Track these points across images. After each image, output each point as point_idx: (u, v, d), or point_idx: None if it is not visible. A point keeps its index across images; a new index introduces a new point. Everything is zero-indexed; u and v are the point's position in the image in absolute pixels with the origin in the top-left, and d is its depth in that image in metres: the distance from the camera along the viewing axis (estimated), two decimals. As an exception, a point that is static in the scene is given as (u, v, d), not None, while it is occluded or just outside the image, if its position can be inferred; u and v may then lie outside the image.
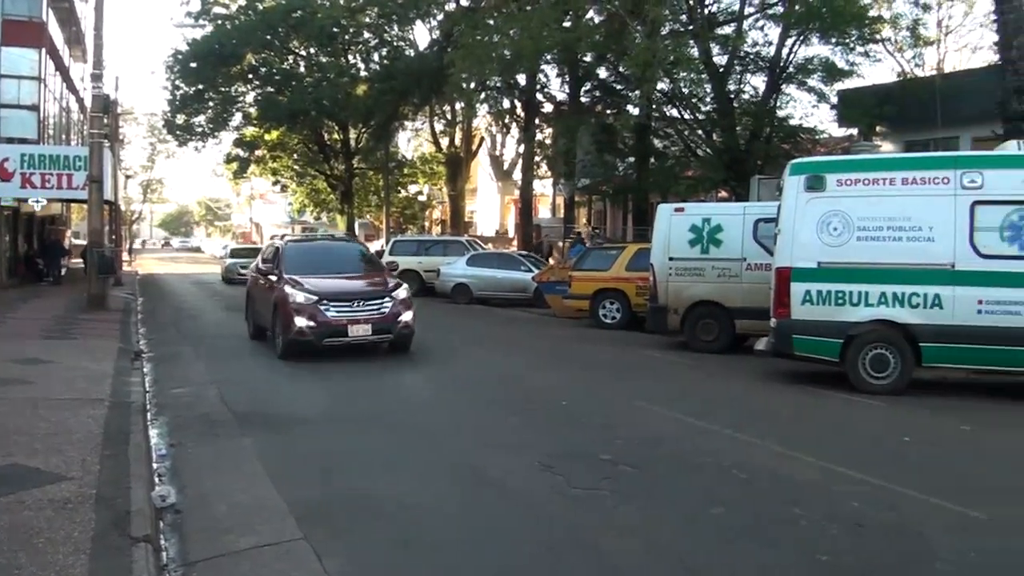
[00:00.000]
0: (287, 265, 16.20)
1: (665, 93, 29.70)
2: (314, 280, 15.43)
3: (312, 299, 14.86)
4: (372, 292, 15.45)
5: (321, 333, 14.75)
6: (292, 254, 16.90)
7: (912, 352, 12.27)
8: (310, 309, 14.82)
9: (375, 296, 15.29)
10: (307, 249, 18.48)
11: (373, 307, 15.09)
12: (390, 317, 15.19)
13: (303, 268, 16.02)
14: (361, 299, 15.12)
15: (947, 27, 38.48)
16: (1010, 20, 21.59)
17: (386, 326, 15.14)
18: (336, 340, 14.83)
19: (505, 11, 31.51)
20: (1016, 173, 12.01)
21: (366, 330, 14.89)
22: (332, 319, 14.80)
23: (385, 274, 16.92)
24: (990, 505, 7.19)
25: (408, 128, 53.83)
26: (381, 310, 15.13)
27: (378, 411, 11.07)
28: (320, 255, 17.72)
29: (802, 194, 12.80)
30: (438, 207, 64.27)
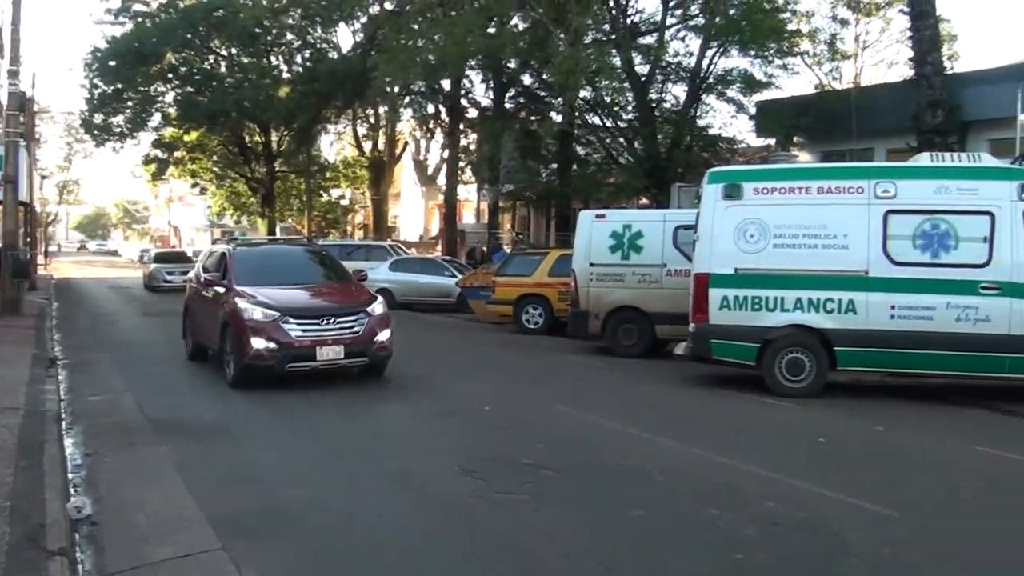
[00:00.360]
0: (237, 274, 13.79)
1: (588, 101, 30.01)
2: (272, 292, 13.16)
3: (272, 315, 12.54)
4: (344, 307, 13.18)
5: (284, 357, 12.40)
6: (243, 261, 14.38)
7: (827, 356, 12.60)
8: (270, 328, 12.45)
9: (348, 312, 13.01)
10: (261, 255, 15.76)
11: (345, 325, 12.79)
12: (365, 337, 12.92)
13: (257, 277, 13.71)
14: (331, 315, 12.82)
15: (864, 42, 39.49)
16: (925, 37, 22.33)
17: (361, 348, 12.88)
18: (302, 365, 12.55)
19: (430, 16, 31.49)
20: (928, 184, 12.40)
21: (337, 353, 12.61)
22: (297, 340, 12.46)
23: (355, 285, 14.72)
24: (902, 503, 7.44)
25: (331, 131, 53.60)
26: (355, 329, 12.84)
27: (298, 417, 10.98)
28: (276, 262, 15.28)
29: (720, 202, 13.05)
30: (361, 211, 63.94)
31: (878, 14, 38.01)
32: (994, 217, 12.06)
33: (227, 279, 13.89)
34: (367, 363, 13.21)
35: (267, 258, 15.58)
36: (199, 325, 15.33)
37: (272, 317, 12.57)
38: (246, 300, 12.94)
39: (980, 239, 12.10)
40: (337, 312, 13.00)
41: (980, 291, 12.00)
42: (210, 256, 16.46)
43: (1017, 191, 12.07)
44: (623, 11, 30.24)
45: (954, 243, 12.15)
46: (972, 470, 9.02)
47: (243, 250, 15.29)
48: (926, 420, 11.58)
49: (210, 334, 14.24)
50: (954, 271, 12.12)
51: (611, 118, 30.60)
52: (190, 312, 16.11)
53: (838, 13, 34.10)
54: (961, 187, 12.24)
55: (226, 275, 14.03)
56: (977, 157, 13.25)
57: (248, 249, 15.83)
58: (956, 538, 6.75)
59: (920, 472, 8.84)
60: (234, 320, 12.87)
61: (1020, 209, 12.02)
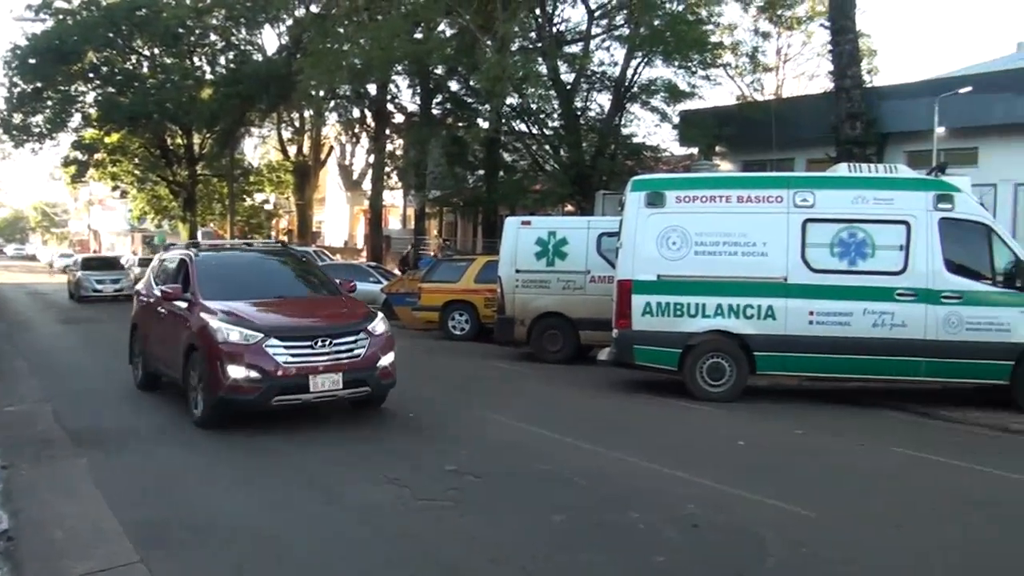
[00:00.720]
0: (203, 286, 11.37)
1: (514, 108, 30.18)
2: (250, 308, 10.92)
3: (254, 336, 10.20)
4: (340, 325, 10.84)
5: (269, 388, 10.06)
6: (209, 270, 11.91)
7: (747, 361, 12.83)
8: (251, 352, 10.09)
9: (345, 331, 10.70)
10: (230, 263, 13.10)
11: (343, 347, 10.53)
12: (367, 361, 10.69)
13: (227, 290, 11.33)
14: (326, 336, 10.46)
15: (786, 55, 40.48)
16: (845, 51, 22.91)
17: (362, 375, 10.61)
18: (292, 398, 10.28)
19: (356, 19, 31.34)
20: (846, 193, 12.72)
21: (335, 382, 10.33)
22: (285, 366, 10.14)
23: (347, 298, 12.41)
24: (819, 503, 7.61)
25: (255, 135, 53.00)
26: (354, 352, 10.60)
27: (218, 427, 10.77)
28: (250, 271, 12.76)
29: (643, 209, 13.20)
30: (285, 216, 63.30)
31: (799, 28, 38.99)
32: (910, 226, 12.41)
33: (191, 292, 11.39)
34: (369, 393, 10.93)
35: (238, 267, 12.91)
36: (153, 349, 12.83)
37: (253, 339, 10.19)
38: (218, 318, 10.51)
39: (896, 247, 12.44)
40: (333, 332, 10.59)
41: (896, 297, 12.34)
42: (164, 264, 13.74)
43: (932, 201, 12.42)
44: (549, 20, 30.49)
45: (871, 251, 12.48)
46: (888, 471, 9.23)
47: (208, 256, 12.59)
48: (844, 423, 11.82)
49: (169, 359, 11.78)
50: (871, 278, 12.45)
51: (537, 125, 30.84)
52: (140, 332, 13.54)
53: (760, 26, 34.94)
54: (878, 197, 12.59)
55: (189, 286, 11.55)
56: (894, 168, 13.62)
57: (214, 255, 13.04)
58: (871, 537, 6.89)
59: (837, 473, 9.03)
60: (203, 343, 10.48)
61: (935, 219, 12.38)
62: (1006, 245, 12.47)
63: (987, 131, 22.39)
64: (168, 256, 13.89)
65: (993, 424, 11.60)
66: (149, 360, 13.06)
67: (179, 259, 12.81)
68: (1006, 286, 12.29)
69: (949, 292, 12.26)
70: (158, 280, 13.25)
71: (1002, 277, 12.33)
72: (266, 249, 15.88)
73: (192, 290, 11.43)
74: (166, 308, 12.12)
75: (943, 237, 12.35)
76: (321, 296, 12.41)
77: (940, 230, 12.37)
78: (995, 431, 11.36)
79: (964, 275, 12.37)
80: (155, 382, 13.14)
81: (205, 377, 10.40)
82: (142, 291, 14.07)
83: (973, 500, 8.09)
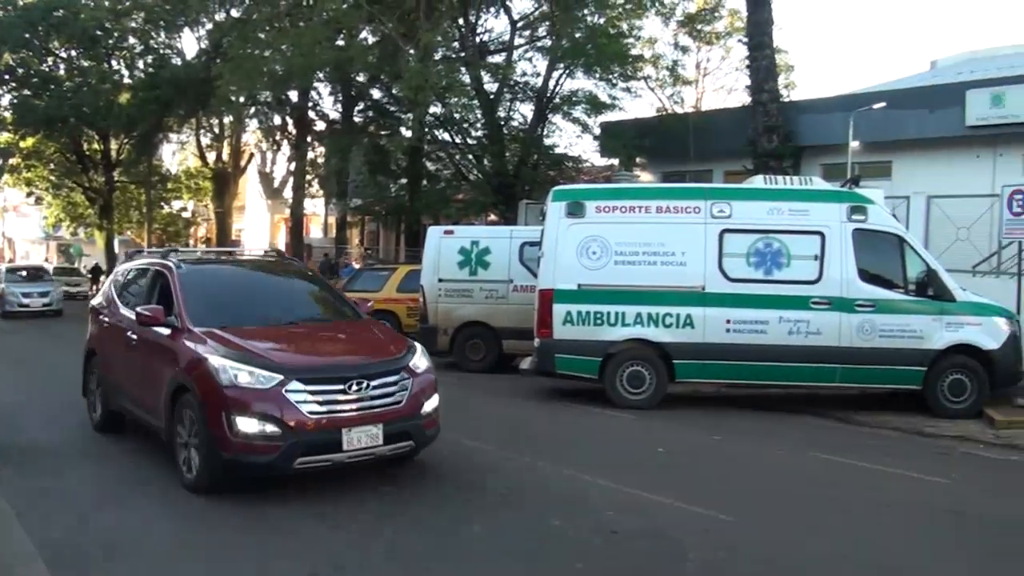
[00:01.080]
0: (192, 307, 8.89)
1: (437, 117, 30.18)
2: (257, 339, 8.47)
3: (271, 378, 7.78)
4: (377, 363, 8.37)
5: (292, 446, 7.61)
6: (197, 286, 9.34)
7: (666, 369, 12.99)
8: (267, 399, 7.71)
9: (384, 370, 8.28)
10: (222, 278, 10.35)
11: (382, 391, 8.13)
12: (411, 408, 8.31)
13: (222, 313, 8.92)
14: (360, 377, 8.01)
15: (705, 69, 41.07)
16: (762, 66, 23.37)
17: (406, 425, 8.21)
18: (320, 460, 7.83)
19: (277, 25, 31.00)
20: (762, 205, 12.98)
21: (374, 436, 7.92)
22: (312, 418, 7.73)
23: (375, 325, 9.96)
24: (737, 507, 7.73)
25: (173, 140, 51.91)
26: (396, 397, 8.22)
27: (134, 439, 10.37)
28: (247, 288, 10.15)
29: (563, 219, 13.28)
30: (203, 224, 62.29)
31: (719, 43, 39.61)
32: (824, 237, 12.70)
33: (175, 315, 8.91)
34: (412, 447, 8.50)
35: (234, 283, 10.24)
36: (120, 383, 10.21)
37: (269, 381, 7.77)
38: (220, 352, 8.08)
39: (811, 257, 12.72)
40: (369, 371, 8.16)
41: (811, 306, 12.60)
42: (130, 277, 11.03)
43: (846, 213, 12.74)
44: (472, 30, 30.53)
45: (786, 261, 12.74)
46: (806, 474, 9.43)
47: (194, 270, 9.87)
48: (762, 428, 12.03)
49: (145, 401, 9.32)
50: (786, 287, 12.71)
51: (460, 135, 30.88)
52: (101, 360, 10.91)
53: (680, 41, 35.43)
54: (793, 208, 12.86)
55: (172, 307, 9.03)
56: (809, 180, 13.94)
57: (201, 268, 10.27)
58: (788, 538, 7.03)
59: (756, 478, 9.18)
60: (200, 385, 7.99)
61: (849, 230, 12.70)
62: (918, 255, 12.87)
63: (900, 145, 22.96)
64: (135, 267, 11.02)
65: (907, 428, 11.93)
66: (113, 395, 10.37)
67: (153, 272, 10.01)
68: (918, 295, 12.66)
69: (863, 300, 12.56)
70: (124, 297, 10.67)
71: (914, 286, 12.71)
72: (260, 260, 12.12)
73: (177, 313, 8.86)
74: (139, 334, 9.46)
75: (856, 247, 12.67)
76: (343, 322, 9.76)
77: (854, 241, 12.68)
78: (909, 434, 11.69)
79: (877, 284, 12.70)
80: (118, 422, 10.54)
81: (203, 431, 7.86)
82: (101, 309, 11.29)
83: (887, 501, 8.28)
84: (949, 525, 7.58)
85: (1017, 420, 11.96)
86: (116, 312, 10.65)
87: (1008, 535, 7.33)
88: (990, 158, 21.55)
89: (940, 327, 12.54)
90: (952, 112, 21.64)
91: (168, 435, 8.61)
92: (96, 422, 10.95)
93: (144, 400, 9.38)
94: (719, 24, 37.54)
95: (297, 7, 31.13)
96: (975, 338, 12.53)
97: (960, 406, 12.42)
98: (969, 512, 7.96)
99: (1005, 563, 6.71)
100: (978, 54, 30.61)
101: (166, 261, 9.95)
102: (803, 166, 23.88)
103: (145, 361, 9.42)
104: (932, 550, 6.93)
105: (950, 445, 11.08)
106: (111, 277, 12.21)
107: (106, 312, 11.06)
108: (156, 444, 9.27)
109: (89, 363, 11.28)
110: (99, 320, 11.25)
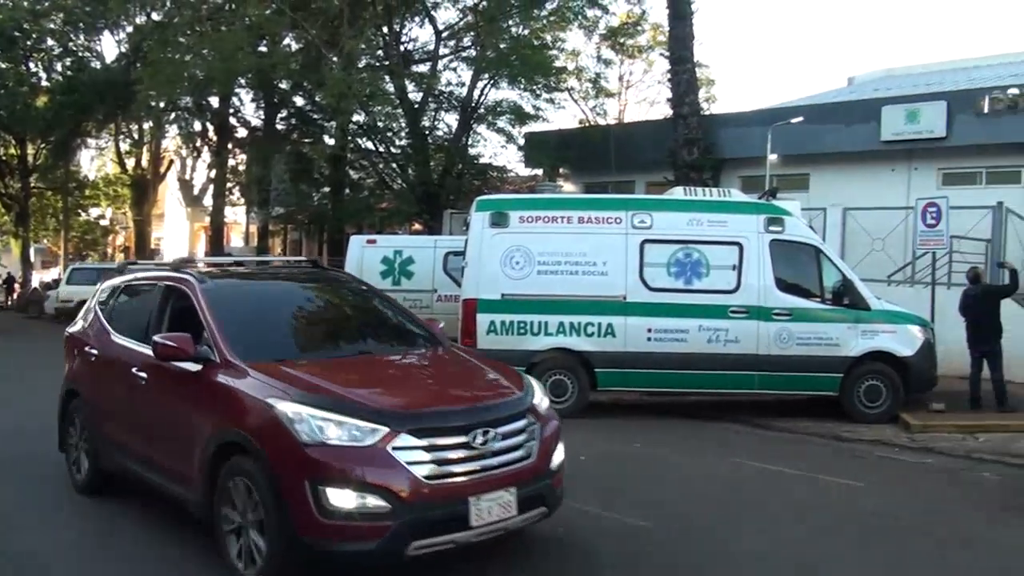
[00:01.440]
0: (230, 334, 6.66)
1: (361, 125, 30.01)
2: (332, 377, 6.33)
3: (372, 431, 5.69)
4: (497, 405, 6.34)
5: (404, 527, 5.57)
6: (230, 306, 7.12)
7: (588, 377, 13.05)
8: (369, 460, 5.65)
9: (506, 414, 6.24)
10: (259, 295, 7.89)
11: (510, 443, 6.11)
12: (542, 463, 6.32)
13: (268, 341, 6.82)
14: (484, 424, 5.98)
15: (628, 82, 41.61)
16: (683, 80, 23.72)
17: (539, 487, 6.25)
18: (442, 541, 5.76)
19: (198, 29, 30.49)
20: (682, 216, 13.13)
21: (507, 504, 5.94)
22: (429, 483, 5.69)
23: (461, 351, 8.21)
24: (656, 514, 7.80)
25: (92, 146, 50.81)
26: (525, 448, 6.22)
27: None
28: (293, 309, 7.75)
29: (487, 229, 13.28)
30: (122, 233, 61.09)
31: (641, 56, 40.17)
32: (742, 247, 12.89)
33: (210, 345, 6.60)
34: (544, 516, 6.44)
35: (274, 302, 7.77)
36: (120, 437, 7.71)
37: (371, 435, 5.66)
38: (292, 396, 5.87)
39: (729, 267, 12.89)
40: (491, 415, 6.10)
41: (730, 315, 12.77)
42: (125, 296, 8.59)
43: (764, 224, 12.95)
44: (397, 38, 30.48)
45: (705, 271, 12.89)
46: (726, 480, 9.54)
47: (224, 286, 7.56)
48: (682, 435, 12.16)
49: (167, 462, 6.89)
50: (705, 296, 12.86)
51: (384, 144, 30.76)
52: (88, 404, 8.36)
53: (603, 54, 35.83)
54: (712, 219, 13.04)
55: (203, 337, 6.71)
56: (727, 192, 14.18)
57: (232, 284, 7.84)
58: (707, 544, 7.09)
59: (676, 484, 9.27)
60: (269, 443, 5.78)
61: (766, 240, 12.91)
62: (834, 265, 13.14)
63: (818, 159, 23.48)
64: (130, 283, 8.60)
65: (824, 433, 12.15)
66: (107, 452, 7.87)
67: (163, 289, 7.72)
68: (834, 303, 12.89)
69: (780, 309, 12.77)
70: (117, 323, 8.29)
71: (830, 295, 12.92)
72: (297, 270, 9.32)
73: (211, 342, 6.58)
74: (152, 372, 7.14)
75: (774, 258, 12.88)
76: (426, 350, 7.53)
77: (771, 251, 12.89)
78: (827, 439, 11.91)
79: (794, 293, 12.92)
80: (108, 481, 8.06)
81: (273, 510, 5.65)
82: (83, 338, 8.72)
83: (805, 504, 8.44)
84: (865, 526, 7.70)
85: (932, 424, 12.29)
86: (108, 343, 8.16)
87: (919, 536, 7.49)
88: (905, 172, 22.18)
89: (856, 335, 12.81)
90: (868, 127, 22.22)
91: (205, 511, 6.28)
92: (80, 483, 8.33)
93: (162, 462, 6.94)
94: (641, 38, 38.14)
95: (219, 12, 30.72)
96: (890, 345, 12.83)
97: (876, 411, 12.68)
98: (883, 513, 8.13)
99: (916, 563, 6.85)
100: (894, 71, 31.49)
101: (183, 275, 7.56)
102: (723, 178, 24.29)
103: (163, 408, 7.06)
104: (848, 550, 7.06)
105: (867, 449, 11.32)
106: (94, 297, 9.09)
107: (92, 342, 8.45)
108: (169, 509, 7.07)
109: (67, 406, 8.69)
110: (82, 353, 8.58)
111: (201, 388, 6.48)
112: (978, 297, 13.17)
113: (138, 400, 7.39)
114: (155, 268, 9.04)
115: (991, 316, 13.05)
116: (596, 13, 30.91)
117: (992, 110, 20.42)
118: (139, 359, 7.35)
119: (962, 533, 7.57)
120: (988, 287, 13.77)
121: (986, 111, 20.49)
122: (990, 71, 26.22)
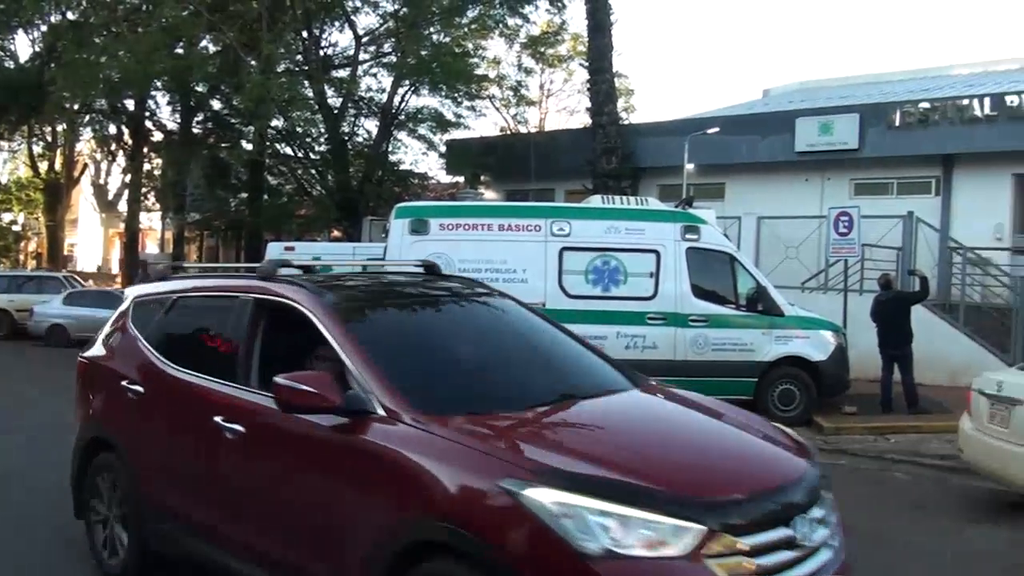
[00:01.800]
0: (386, 371, 4.46)
1: (280, 130, 29.77)
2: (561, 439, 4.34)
3: (683, 531, 3.53)
4: (799, 479, 4.18)
5: None
6: (373, 334, 4.93)
7: (506, 385, 13.03)
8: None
9: (812, 487, 4.20)
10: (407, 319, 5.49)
11: (825, 535, 4.09)
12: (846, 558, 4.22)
13: (437, 385, 4.69)
14: (800, 507, 3.99)
15: (549, 90, 41.90)
16: (602, 90, 23.99)
17: None
18: None
19: (114, 30, 29.82)
20: (600, 224, 13.25)
21: None
22: None
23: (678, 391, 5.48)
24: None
25: (3, 149, 49.49)
26: (833, 536, 4.18)
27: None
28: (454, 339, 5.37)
29: (407, 236, 13.21)
30: (34, 239, 59.58)
31: (561, 66, 40.47)
32: (659, 255, 13.05)
33: (367, 390, 4.38)
34: None
35: (428, 327, 5.54)
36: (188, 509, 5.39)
37: (681, 536, 3.55)
38: (546, 477, 3.67)
39: (647, 274, 13.04)
40: (803, 494, 4.11)
41: (647, 321, 12.92)
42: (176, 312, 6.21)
43: (680, 232, 13.13)
44: (316, 43, 30.22)
45: (623, 278, 13.03)
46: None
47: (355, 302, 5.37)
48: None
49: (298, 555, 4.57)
50: (623, 303, 12.99)
51: (303, 149, 30.54)
52: (136, 461, 5.88)
53: (524, 62, 36.07)
54: (630, 227, 13.17)
55: (345, 379, 4.50)
56: (645, 201, 14.38)
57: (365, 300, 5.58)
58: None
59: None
60: (522, 555, 3.61)
61: (683, 248, 13.08)
62: (748, 273, 13.40)
63: (733, 168, 23.85)
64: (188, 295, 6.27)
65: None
66: (167, 528, 5.55)
67: (251, 304, 5.41)
68: (749, 310, 13.16)
69: (696, 316, 12.95)
70: (170, 350, 5.94)
71: (745, 302, 13.20)
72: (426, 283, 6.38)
73: (366, 386, 4.40)
74: (250, 421, 4.94)
75: (690, 265, 13.06)
76: (644, 392, 5.26)
77: (687, 259, 13.06)
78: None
79: (710, 300, 13.12)
80: (159, 564, 5.70)
81: None
82: (111, 365, 6.46)
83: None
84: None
85: (844, 426, 12.65)
86: (160, 377, 5.83)
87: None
88: (818, 182, 22.62)
89: (770, 340, 13.07)
90: (783, 138, 22.62)
91: None
92: (115, 568, 5.97)
93: (278, 554, 4.71)
94: (562, 47, 38.47)
95: (135, 12, 30.12)
96: (803, 350, 13.12)
97: (790, 414, 12.87)
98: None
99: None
100: (808, 84, 32.15)
101: (286, 285, 5.27)
102: (641, 187, 24.57)
103: (278, 477, 4.82)
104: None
105: (780, 453, 11.48)
106: (124, 311, 6.68)
107: (129, 374, 6.09)
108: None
109: (91, 461, 6.31)
110: (114, 389, 6.20)
111: (356, 452, 4.32)
112: (889, 303, 13.53)
113: (228, 462, 5.11)
114: (223, 274, 7.11)
115: (902, 321, 13.42)
116: (517, 22, 31.19)
117: (903, 123, 20.94)
118: (225, 404, 5.11)
119: (876, 532, 7.71)
120: (899, 293, 14.18)
121: (897, 124, 21.00)
122: (901, 85, 26.89)
